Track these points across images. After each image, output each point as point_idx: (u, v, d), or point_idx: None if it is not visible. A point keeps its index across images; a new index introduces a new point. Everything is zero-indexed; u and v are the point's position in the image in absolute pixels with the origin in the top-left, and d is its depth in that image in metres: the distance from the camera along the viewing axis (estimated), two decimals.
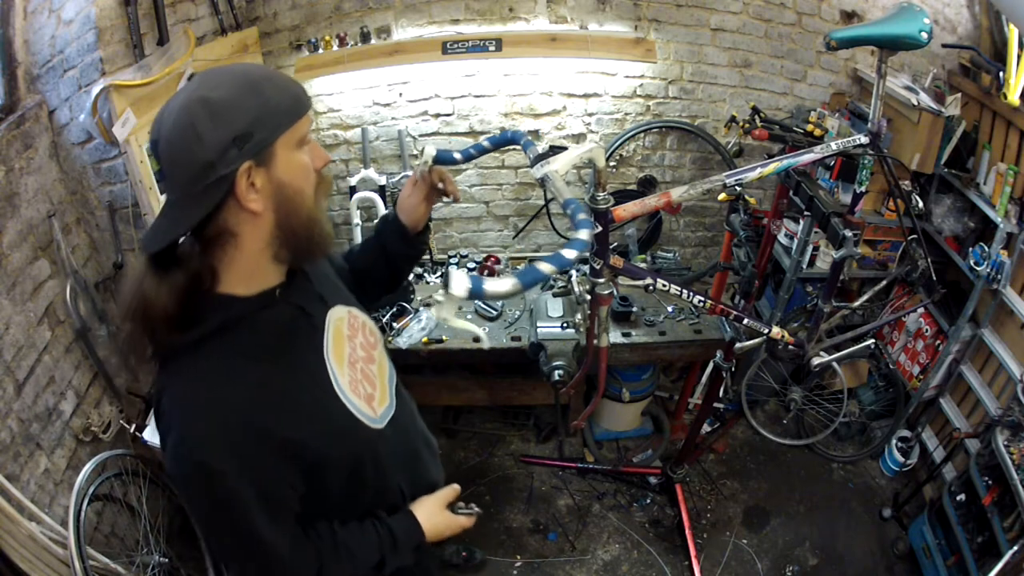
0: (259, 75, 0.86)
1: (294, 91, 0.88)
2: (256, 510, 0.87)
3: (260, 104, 0.83)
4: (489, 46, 2.55)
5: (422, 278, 2.88)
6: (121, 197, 1.93)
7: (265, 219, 0.87)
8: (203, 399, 0.85)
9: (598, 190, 1.26)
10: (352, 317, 1.10)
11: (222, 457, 0.83)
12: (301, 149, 0.89)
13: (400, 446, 1.11)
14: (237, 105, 0.81)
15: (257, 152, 0.83)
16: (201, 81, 0.84)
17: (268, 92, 0.84)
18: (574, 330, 2.29)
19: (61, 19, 1.73)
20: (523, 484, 2.81)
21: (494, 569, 2.47)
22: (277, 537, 0.91)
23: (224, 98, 0.81)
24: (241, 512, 0.86)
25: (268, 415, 0.86)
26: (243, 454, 0.84)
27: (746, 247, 2.25)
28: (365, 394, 1.03)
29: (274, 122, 0.84)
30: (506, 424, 3.07)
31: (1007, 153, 2.27)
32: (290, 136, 0.86)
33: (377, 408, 1.05)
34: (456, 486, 1.19)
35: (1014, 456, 2.01)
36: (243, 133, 0.81)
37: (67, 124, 1.83)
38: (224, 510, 0.87)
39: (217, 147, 0.79)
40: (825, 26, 2.66)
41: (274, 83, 0.86)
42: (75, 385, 1.87)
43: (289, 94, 0.87)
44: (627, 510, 2.71)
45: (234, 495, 0.85)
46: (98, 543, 1.82)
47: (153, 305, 0.83)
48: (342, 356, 1.02)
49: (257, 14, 2.57)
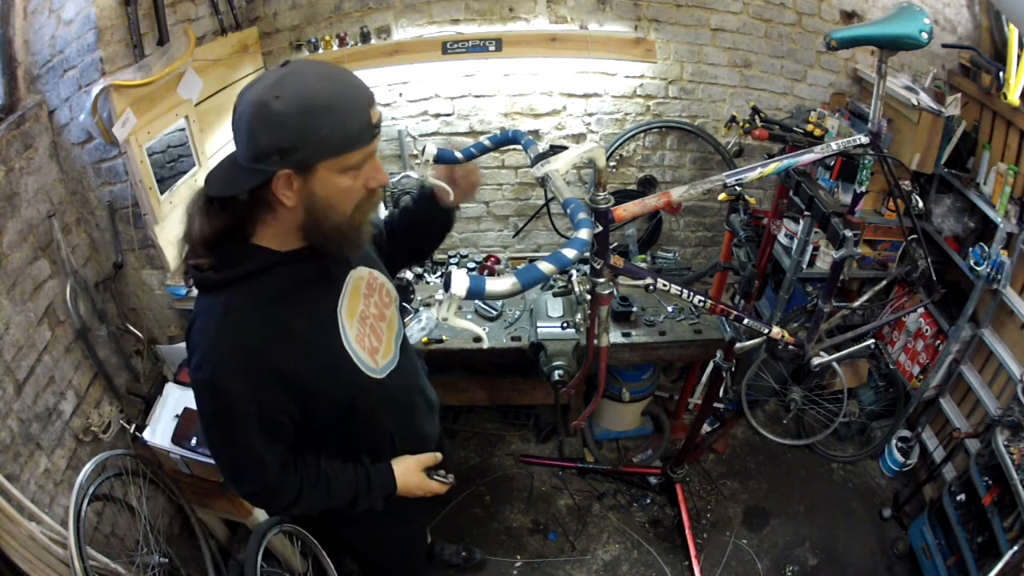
0: (327, 100, 0.90)
1: (353, 127, 0.92)
2: (255, 426, 1.02)
3: (312, 131, 0.89)
4: (489, 46, 2.55)
5: (422, 278, 2.88)
6: (121, 197, 1.93)
7: (297, 212, 0.98)
8: (225, 330, 0.99)
9: (598, 190, 1.26)
10: (372, 278, 1.23)
11: (233, 378, 0.99)
12: (346, 174, 0.96)
13: (397, 397, 1.25)
14: (290, 124, 0.88)
15: (298, 165, 0.92)
16: (280, 80, 0.90)
17: (326, 121, 0.90)
18: (574, 330, 2.29)
19: (61, 19, 1.73)
20: (523, 484, 2.81)
21: (494, 569, 2.47)
22: (268, 454, 1.06)
23: (282, 112, 0.88)
24: (242, 426, 1.02)
25: (277, 351, 1.00)
26: (251, 379, 0.99)
27: (746, 247, 2.25)
28: (370, 347, 1.17)
29: (319, 149, 0.91)
30: (506, 424, 3.07)
31: (1007, 153, 2.27)
32: (334, 163, 0.94)
33: (380, 360, 1.19)
34: (438, 454, 1.32)
35: (1014, 456, 2.01)
36: (288, 147, 0.90)
37: (67, 124, 1.83)
38: (228, 423, 1.03)
39: (264, 150, 0.90)
40: (825, 26, 2.66)
41: (337, 114, 0.91)
42: (75, 385, 1.87)
43: (346, 130, 0.92)
44: (627, 510, 2.71)
45: (238, 410, 1.01)
46: (98, 543, 1.81)
47: (196, 233, 0.99)
48: (354, 311, 1.15)
49: (257, 14, 2.57)
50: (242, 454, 1.06)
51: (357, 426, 1.18)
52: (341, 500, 1.17)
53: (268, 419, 1.03)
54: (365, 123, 0.94)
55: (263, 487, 1.11)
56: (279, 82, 0.90)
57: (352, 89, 0.95)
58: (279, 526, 2.16)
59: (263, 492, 1.13)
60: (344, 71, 0.98)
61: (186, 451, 1.90)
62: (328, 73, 0.95)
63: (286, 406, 1.05)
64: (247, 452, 1.05)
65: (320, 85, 0.91)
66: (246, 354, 0.99)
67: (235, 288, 1.00)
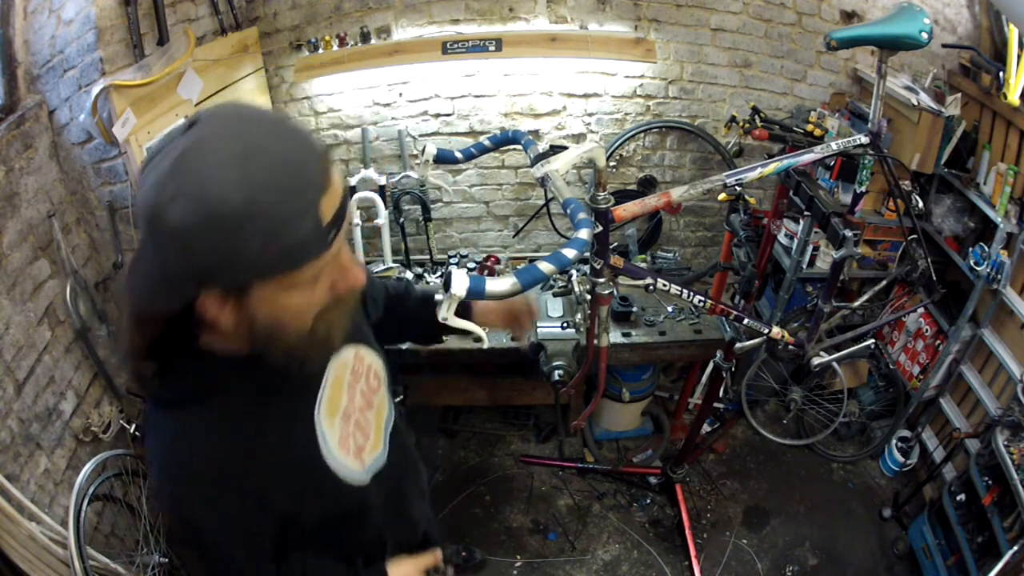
0: (244, 202, 0.61)
1: (293, 238, 0.64)
2: (231, 550, 0.88)
3: (230, 250, 0.62)
4: (489, 46, 2.55)
5: (422, 278, 2.88)
6: (121, 197, 1.93)
7: (240, 331, 0.73)
8: (181, 458, 0.81)
9: (598, 190, 1.26)
10: (358, 360, 1.01)
11: (199, 513, 0.83)
12: (296, 289, 0.70)
13: (387, 495, 1.07)
14: (197, 242, 0.61)
15: (225, 288, 0.67)
16: (177, 166, 0.62)
17: (248, 235, 0.61)
18: (574, 330, 2.29)
19: (61, 19, 1.73)
20: (523, 484, 2.81)
21: (494, 569, 2.47)
22: (251, 571, 0.91)
23: (183, 227, 0.60)
24: (218, 553, 0.88)
25: (245, 475, 0.82)
26: (219, 509, 0.82)
27: (746, 247, 2.26)
28: (355, 448, 0.98)
29: (246, 271, 0.65)
30: (506, 424, 3.07)
31: (1007, 153, 2.27)
32: (275, 284, 0.67)
33: (366, 459, 1.01)
34: (438, 553, 1.16)
35: (1014, 456, 2.01)
36: (202, 270, 0.64)
37: (67, 124, 1.83)
38: (202, 549, 0.88)
39: (171, 271, 0.66)
40: (825, 26, 2.65)
41: (265, 222, 0.62)
42: (75, 385, 1.87)
43: (283, 244, 0.63)
44: (627, 510, 2.71)
45: (211, 540, 0.86)
46: (98, 543, 1.81)
47: (127, 342, 0.76)
48: (336, 409, 0.95)
49: (257, 14, 2.57)
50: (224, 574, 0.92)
51: (342, 534, 1.01)
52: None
53: (244, 540, 0.88)
54: (312, 228, 0.65)
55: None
56: (175, 171, 0.61)
57: (289, 174, 0.64)
58: None
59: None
60: (277, 130, 0.67)
61: None
62: (248, 147, 0.63)
63: (263, 525, 0.88)
64: (228, 572, 0.91)
65: (233, 176, 0.61)
66: (209, 483, 0.81)
67: (187, 408, 0.80)
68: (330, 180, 0.67)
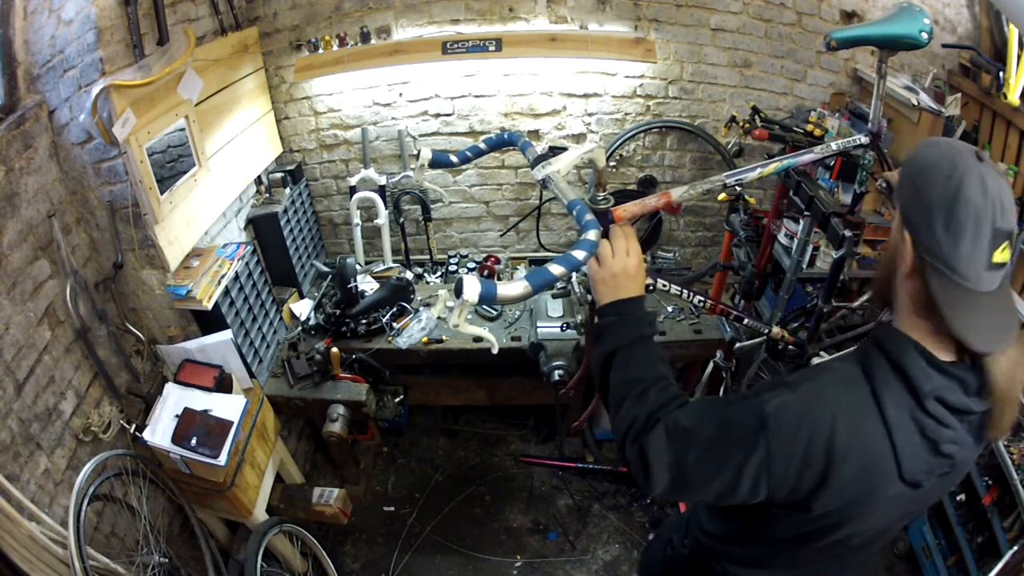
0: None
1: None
2: (737, 463, 0.88)
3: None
4: (489, 46, 2.55)
5: (422, 278, 2.88)
6: (121, 197, 1.93)
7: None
8: (817, 399, 0.88)
9: (598, 190, 1.26)
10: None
11: (782, 439, 0.85)
12: None
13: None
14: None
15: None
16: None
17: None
18: (574, 330, 2.29)
19: (61, 19, 1.73)
20: (523, 484, 2.81)
21: (494, 569, 2.48)
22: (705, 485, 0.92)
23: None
24: (731, 455, 0.88)
25: (836, 445, 0.85)
26: (792, 451, 0.85)
27: (746, 247, 2.26)
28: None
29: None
30: (506, 424, 3.07)
31: (1007, 153, 2.27)
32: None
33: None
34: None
35: (1014, 456, 2.01)
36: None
37: (67, 124, 1.83)
38: (724, 441, 0.89)
39: None
40: (825, 26, 2.65)
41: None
42: (75, 385, 1.87)
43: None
44: (627, 510, 2.71)
45: (751, 451, 0.87)
46: (98, 543, 1.81)
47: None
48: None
49: (257, 14, 2.58)
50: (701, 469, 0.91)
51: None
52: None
53: (754, 477, 0.87)
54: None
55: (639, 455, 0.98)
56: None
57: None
58: (279, 526, 2.16)
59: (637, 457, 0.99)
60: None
61: (186, 451, 1.90)
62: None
63: (785, 483, 0.87)
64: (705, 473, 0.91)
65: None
66: (815, 432, 0.85)
67: (861, 364, 0.92)
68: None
